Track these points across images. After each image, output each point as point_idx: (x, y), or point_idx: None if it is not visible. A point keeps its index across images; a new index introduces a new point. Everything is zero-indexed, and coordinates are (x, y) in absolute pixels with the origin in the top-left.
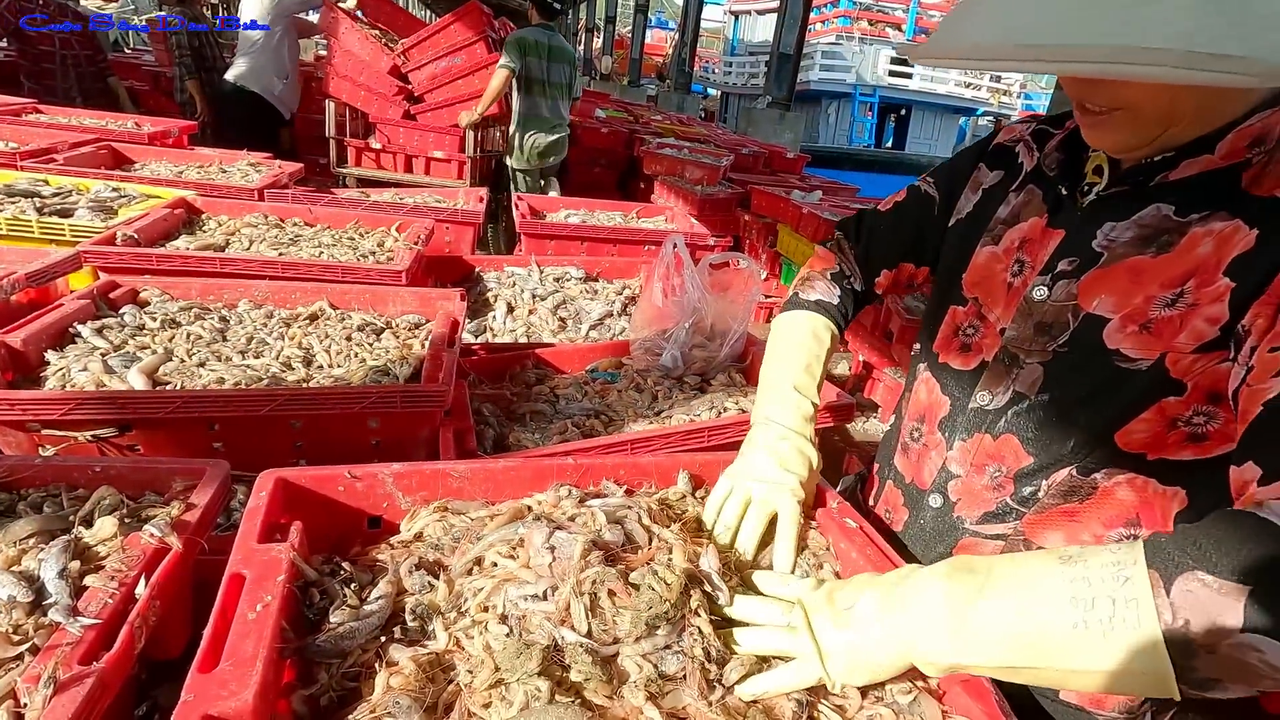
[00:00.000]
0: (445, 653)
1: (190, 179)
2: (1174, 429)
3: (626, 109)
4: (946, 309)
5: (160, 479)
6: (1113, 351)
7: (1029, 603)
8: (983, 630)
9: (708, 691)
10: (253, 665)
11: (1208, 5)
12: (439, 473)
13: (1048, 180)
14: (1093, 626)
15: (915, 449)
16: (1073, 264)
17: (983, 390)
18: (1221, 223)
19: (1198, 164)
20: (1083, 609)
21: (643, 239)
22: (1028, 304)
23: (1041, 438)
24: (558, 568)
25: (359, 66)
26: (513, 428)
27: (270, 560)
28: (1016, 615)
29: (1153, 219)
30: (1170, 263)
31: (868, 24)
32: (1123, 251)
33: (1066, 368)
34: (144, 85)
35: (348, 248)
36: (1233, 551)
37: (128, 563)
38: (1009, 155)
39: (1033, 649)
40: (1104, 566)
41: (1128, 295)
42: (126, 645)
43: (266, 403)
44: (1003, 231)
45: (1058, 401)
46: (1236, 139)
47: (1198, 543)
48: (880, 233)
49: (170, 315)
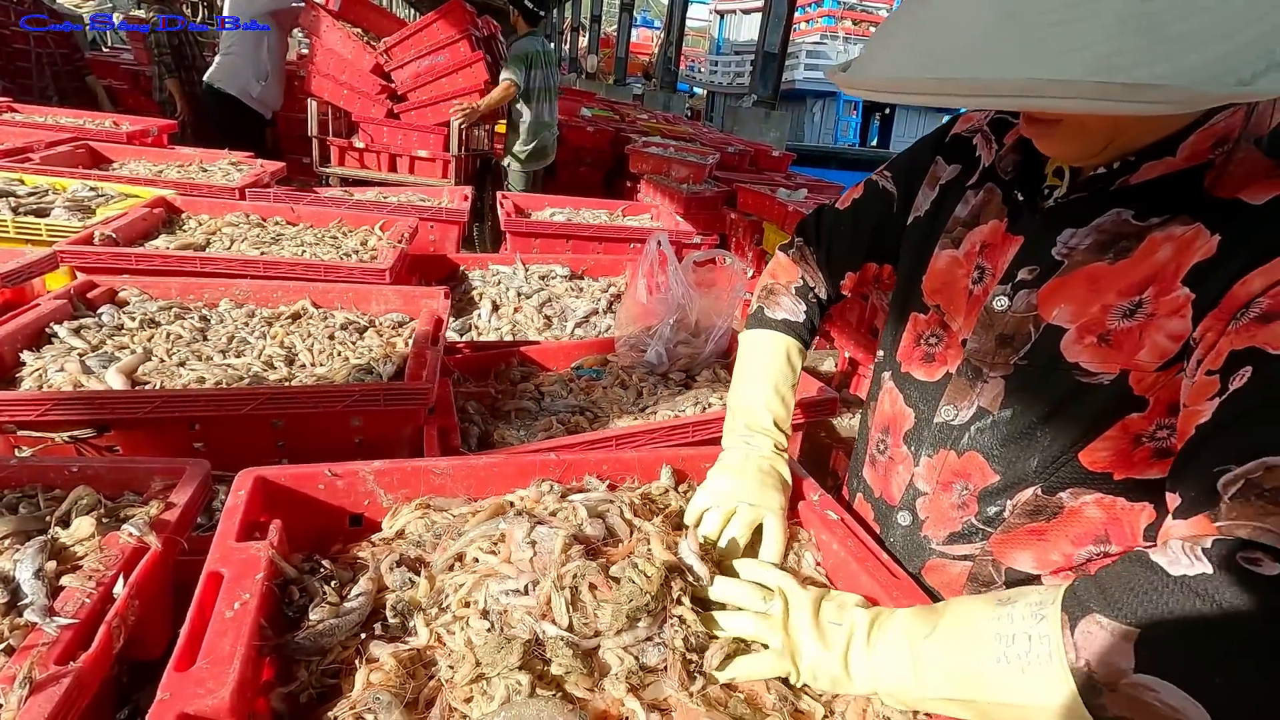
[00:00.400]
0: (426, 648)
1: (170, 178)
2: (1139, 445)
3: (613, 108)
4: (908, 315)
5: (139, 479)
6: (1072, 365)
7: (965, 640)
8: (933, 669)
9: (688, 682)
10: (230, 663)
11: (1126, 25)
12: (421, 470)
13: (1006, 181)
14: (1012, 661)
15: (882, 462)
16: (1033, 272)
17: (947, 404)
18: (1182, 227)
19: (1159, 166)
20: (1004, 644)
21: (628, 237)
22: (989, 314)
23: (1006, 455)
24: (539, 562)
25: (341, 65)
26: (498, 425)
27: (249, 558)
28: (957, 653)
29: (1112, 224)
30: (1127, 269)
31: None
32: (1081, 259)
33: (1027, 381)
34: (123, 84)
35: (330, 247)
36: (1128, 596)
37: (105, 562)
38: (966, 147)
39: (970, 685)
40: (1028, 604)
41: (1085, 304)
42: (104, 645)
43: (248, 402)
44: (962, 234)
45: (1020, 417)
46: (1200, 139)
47: (1103, 586)
48: (841, 233)
49: (149, 315)
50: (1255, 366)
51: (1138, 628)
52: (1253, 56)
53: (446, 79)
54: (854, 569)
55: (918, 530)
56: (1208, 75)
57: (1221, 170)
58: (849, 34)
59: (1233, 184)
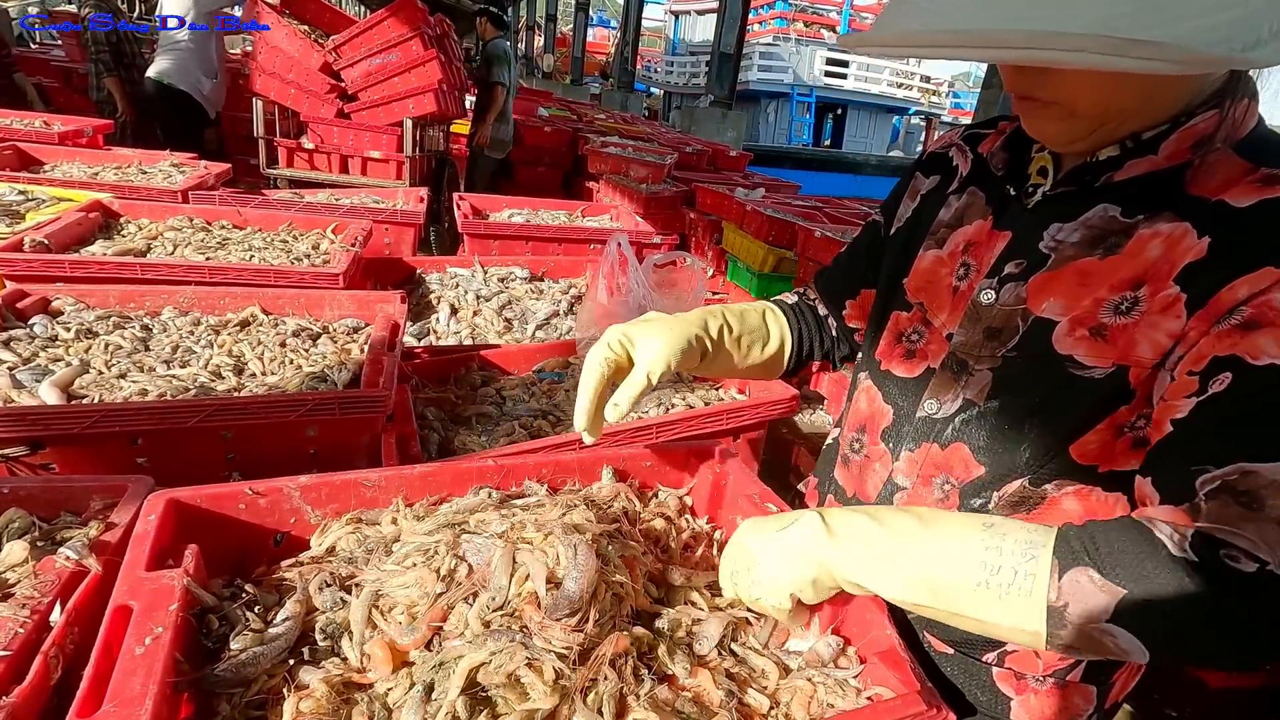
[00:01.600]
0: (359, 671)
1: (107, 181)
2: (1121, 436)
3: (570, 108)
4: (889, 315)
5: (76, 498)
6: (1065, 357)
7: (947, 555)
8: (900, 569)
9: (635, 685)
10: (140, 704)
11: None
12: (350, 483)
13: (992, 181)
14: (993, 588)
15: (857, 461)
16: (1020, 266)
17: (930, 398)
18: (1168, 224)
19: (1142, 165)
20: (989, 572)
21: (588, 238)
22: (975, 308)
23: (993, 446)
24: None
25: (287, 63)
26: (458, 431)
27: (160, 589)
28: (933, 562)
29: (1100, 220)
30: (1118, 265)
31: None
32: (1071, 253)
33: (1016, 373)
34: (54, 82)
35: (280, 251)
36: (1122, 559)
37: (40, 589)
38: (944, 161)
39: (937, 593)
40: (1018, 542)
41: (1076, 298)
42: (40, 677)
43: (195, 414)
44: (946, 234)
45: (1008, 408)
46: (1180, 139)
47: (1096, 542)
48: (840, 267)
49: (86, 325)
50: (1235, 373)
51: (1124, 589)
52: (1248, 28)
53: (399, 78)
54: None
55: None
56: (1206, 40)
57: (1199, 170)
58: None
59: (1213, 185)
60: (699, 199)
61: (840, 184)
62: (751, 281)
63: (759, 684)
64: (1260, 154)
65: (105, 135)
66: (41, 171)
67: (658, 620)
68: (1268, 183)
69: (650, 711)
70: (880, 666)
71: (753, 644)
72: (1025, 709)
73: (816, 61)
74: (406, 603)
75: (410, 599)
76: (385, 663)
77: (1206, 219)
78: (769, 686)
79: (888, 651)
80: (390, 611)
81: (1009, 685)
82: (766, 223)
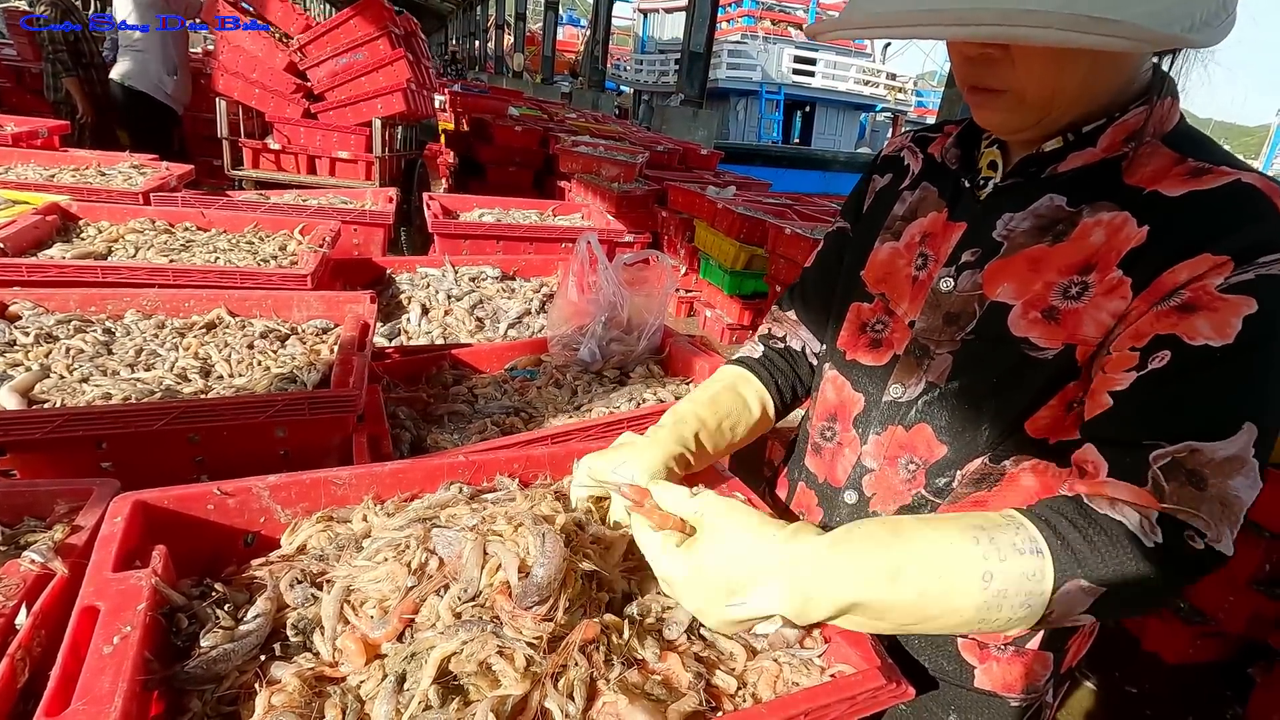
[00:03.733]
0: (331, 664)
1: (64, 183)
2: (1070, 411)
3: (540, 107)
4: (848, 306)
5: (40, 502)
6: (1021, 340)
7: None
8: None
9: (605, 670)
10: (110, 701)
11: None
12: (320, 481)
13: (946, 176)
14: (990, 602)
15: (828, 448)
16: (975, 255)
17: (895, 383)
18: (1109, 213)
19: (1082, 157)
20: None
21: (559, 237)
22: (935, 295)
23: (954, 426)
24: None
25: (251, 63)
26: (431, 430)
27: (128, 589)
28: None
29: (1047, 209)
30: (1066, 251)
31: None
32: (1022, 241)
33: (974, 355)
34: (6, 82)
35: (246, 252)
36: (1106, 560)
37: (5, 592)
38: (896, 162)
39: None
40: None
41: (1027, 283)
42: (6, 680)
43: (160, 416)
44: (902, 227)
45: (967, 389)
46: (1115, 133)
47: (1083, 553)
48: (810, 285)
49: (46, 329)
50: (1174, 352)
51: (1104, 587)
52: (1185, 13)
53: (366, 78)
54: None
55: (865, 507)
56: (1155, 21)
57: (1133, 162)
58: (769, 34)
59: (1145, 175)
60: (671, 198)
61: (809, 180)
62: (723, 279)
63: (726, 666)
64: (1185, 146)
65: (61, 136)
66: None
67: (628, 607)
68: (1195, 174)
69: (620, 694)
70: (843, 644)
71: None
72: (988, 676)
73: (785, 59)
74: (378, 597)
75: (382, 593)
76: (358, 655)
77: (1143, 208)
78: (736, 668)
79: (848, 630)
80: (362, 606)
81: (973, 654)
82: (738, 221)
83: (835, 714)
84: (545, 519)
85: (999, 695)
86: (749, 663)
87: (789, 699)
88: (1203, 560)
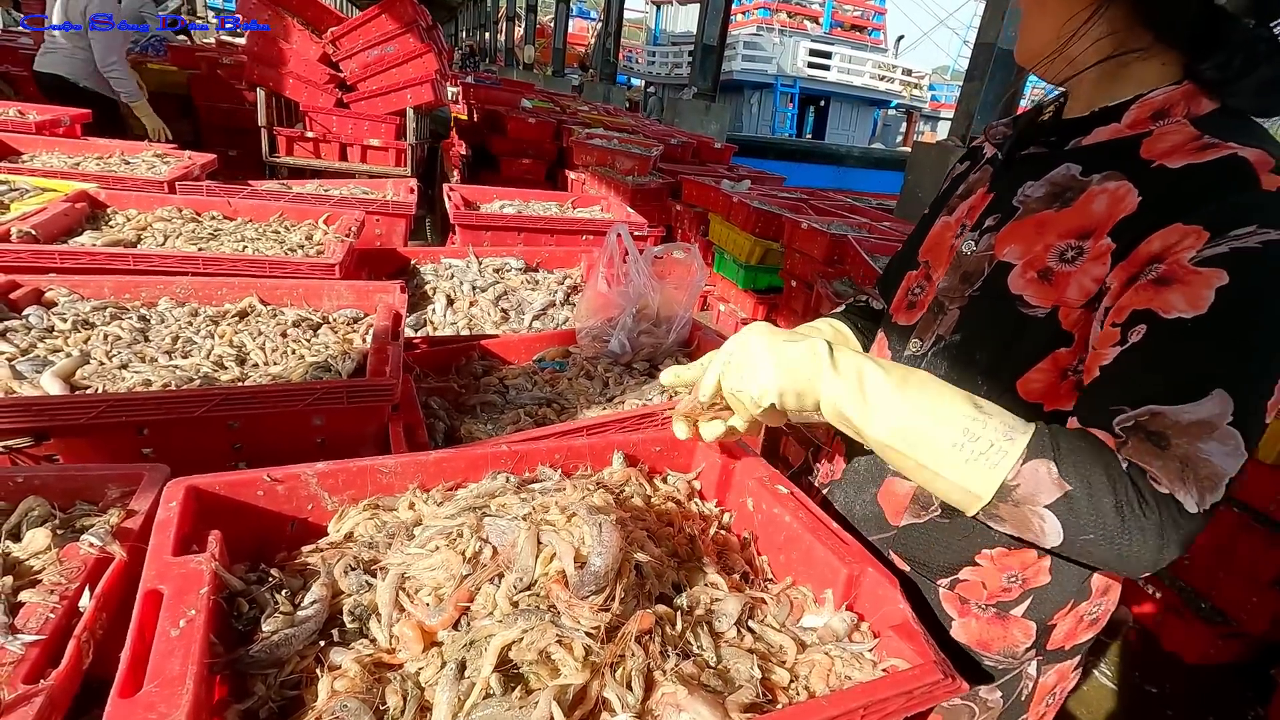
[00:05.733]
0: (389, 651)
1: (90, 171)
2: (1065, 379)
3: (552, 99)
4: (903, 276)
5: (92, 487)
6: (1016, 297)
7: (936, 413)
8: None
9: (661, 661)
10: (182, 684)
11: None
12: (366, 469)
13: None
14: (965, 451)
15: None
16: (995, 219)
17: (915, 338)
18: (1116, 182)
19: (1107, 131)
20: (967, 438)
21: (580, 229)
22: (958, 258)
23: (950, 376)
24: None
25: (285, 54)
26: (464, 420)
27: (190, 573)
28: (921, 416)
29: (1062, 178)
30: (1069, 216)
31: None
32: (1034, 206)
33: (976, 310)
34: (23, 71)
35: (274, 242)
36: (1078, 461)
37: (67, 575)
38: (976, 150)
39: (913, 443)
40: (1001, 423)
41: (1031, 244)
42: (74, 661)
43: (202, 403)
44: (957, 203)
45: (967, 341)
46: (1141, 109)
47: (1058, 444)
48: (893, 262)
49: (82, 316)
50: (1149, 326)
51: (1072, 486)
52: None
53: (396, 69)
54: (807, 540)
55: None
56: None
57: (1155, 139)
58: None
59: (1160, 150)
60: (685, 191)
61: (823, 175)
62: (738, 273)
63: (778, 659)
64: (1211, 128)
65: (83, 125)
66: (20, 161)
67: (677, 598)
68: (1202, 149)
69: (679, 684)
70: (895, 639)
71: (770, 621)
72: (964, 631)
73: (800, 53)
74: (432, 584)
75: (436, 580)
76: (415, 643)
77: (1146, 179)
78: (788, 661)
79: (901, 625)
80: (417, 593)
81: (953, 607)
82: (753, 215)
83: (894, 708)
84: (599, 509)
85: (972, 650)
86: (800, 656)
87: (849, 693)
88: (1166, 505)
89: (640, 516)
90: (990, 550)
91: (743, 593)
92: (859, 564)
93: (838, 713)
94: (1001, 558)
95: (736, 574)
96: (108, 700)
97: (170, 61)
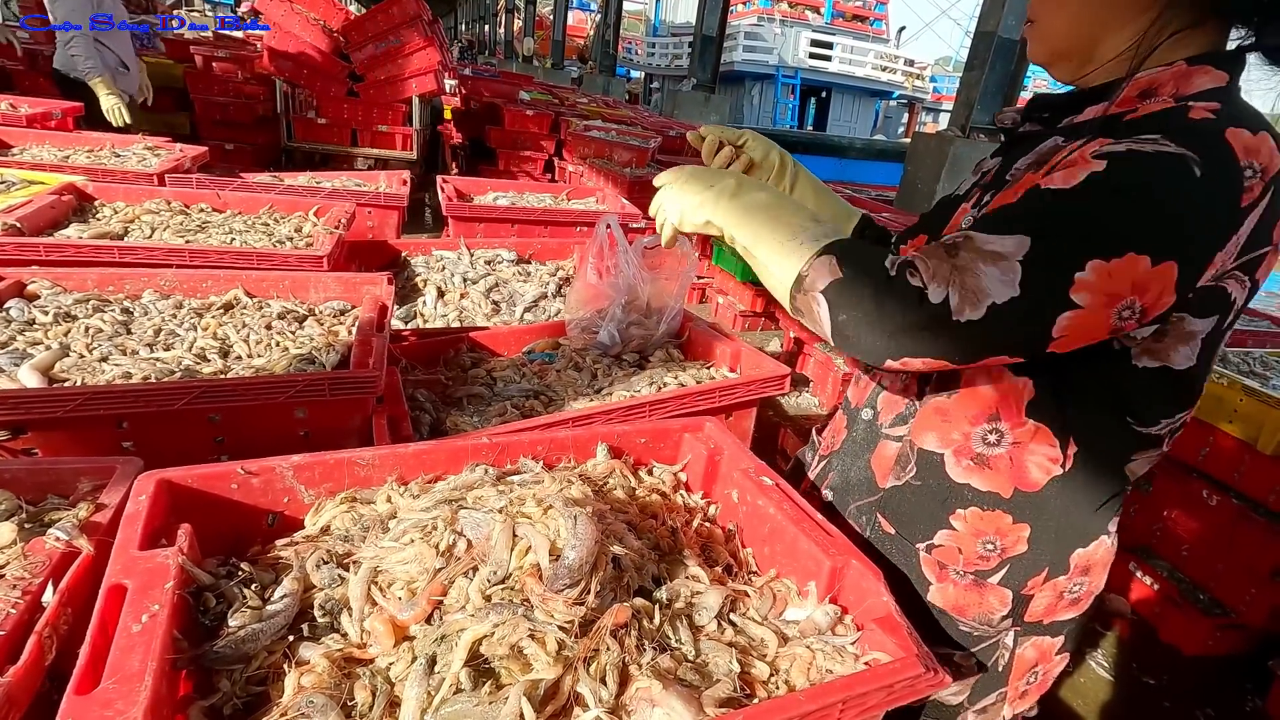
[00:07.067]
0: (360, 646)
1: (79, 164)
2: None
3: (551, 91)
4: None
5: (63, 480)
6: None
7: (777, 221)
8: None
9: (637, 655)
10: (140, 680)
11: None
12: (344, 462)
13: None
14: (785, 247)
15: (864, 379)
16: (991, 194)
17: None
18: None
19: (1097, 110)
20: (791, 238)
21: (574, 220)
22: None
23: None
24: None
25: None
26: (450, 412)
27: (155, 567)
28: (769, 225)
29: (1047, 148)
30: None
31: (788, 5)
32: (1020, 176)
33: None
34: (18, 64)
35: (262, 234)
36: (861, 257)
37: (31, 570)
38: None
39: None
40: (822, 231)
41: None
42: (35, 657)
43: (182, 396)
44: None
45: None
46: (1130, 89)
47: (848, 249)
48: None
49: (64, 308)
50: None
51: (843, 274)
52: None
53: (403, 60)
54: (791, 532)
55: (875, 421)
56: None
57: (1139, 113)
58: (785, 16)
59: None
60: None
61: (825, 167)
62: (736, 265)
63: (758, 652)
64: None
65: (75, 118)
66: (10, 154)
67: (657, 591)
68: (1163, 104)
69: (653, 679)
70: (877, 632)
71: (751, 615)
72: (941, 595)
73: (801, 43)
74: (405, 578)
75: (409, 574)
76: (386, 637)
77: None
78: (768, 655)
79: (884, 618)
80: (389, 587)
81: (932, 571)
82: None
83: (873, 702)
84: (576, 502)
85: (948, 614)
86: (780, 649)
87: (827, 686)
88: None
89: (622, 509)
90: (964, 510)
91: (725, 586)
92: (843, 556)
93: (815, 707)
94: (975, 519)
95: (720, 567)
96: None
97: (166, 55)
